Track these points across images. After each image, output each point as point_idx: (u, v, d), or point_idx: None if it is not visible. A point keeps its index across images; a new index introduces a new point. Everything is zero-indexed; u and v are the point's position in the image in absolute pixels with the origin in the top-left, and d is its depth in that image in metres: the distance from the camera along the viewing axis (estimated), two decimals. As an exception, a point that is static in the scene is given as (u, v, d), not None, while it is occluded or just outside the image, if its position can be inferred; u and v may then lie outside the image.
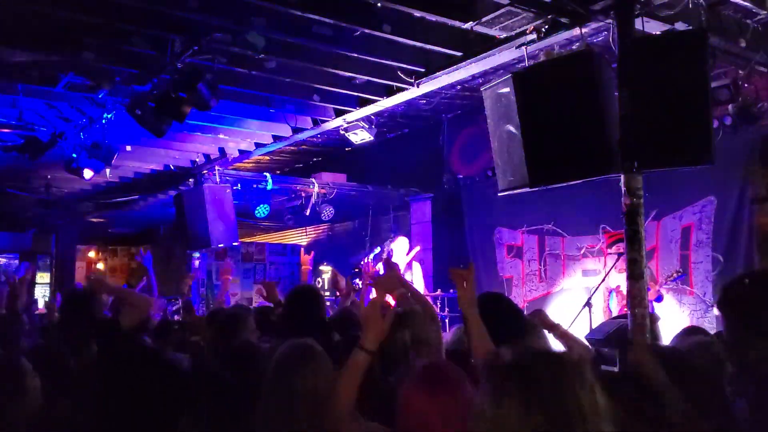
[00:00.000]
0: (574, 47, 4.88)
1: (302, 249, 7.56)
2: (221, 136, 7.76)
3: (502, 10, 4.51)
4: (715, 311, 6.84)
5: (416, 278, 7.88)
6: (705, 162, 3.84)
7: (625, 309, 5.76)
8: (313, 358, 2.34)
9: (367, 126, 6.88)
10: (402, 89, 6.06)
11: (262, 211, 9.25)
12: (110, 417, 1.74)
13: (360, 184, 9.88)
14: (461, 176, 9.52)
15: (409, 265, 7.90)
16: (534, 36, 4.74)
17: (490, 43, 5.10)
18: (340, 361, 2.34)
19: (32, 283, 6.00)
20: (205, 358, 3.76)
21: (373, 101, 6.45)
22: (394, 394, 2.03)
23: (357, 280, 6.38)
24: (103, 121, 6.33)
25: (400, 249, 7.89)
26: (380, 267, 6.31)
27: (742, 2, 4.59)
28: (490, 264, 9.28)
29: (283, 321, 3.76)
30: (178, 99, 5.17)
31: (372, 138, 7.01)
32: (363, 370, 2.20)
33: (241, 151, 8.39)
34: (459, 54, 5.38)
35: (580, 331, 6.21)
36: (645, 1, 4.15)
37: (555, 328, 3.19)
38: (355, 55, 5.45)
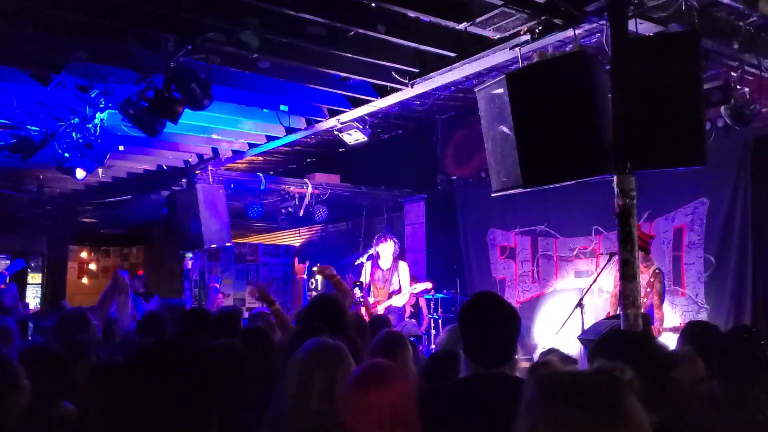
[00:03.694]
0: (567, 48, 4.89)
1: (296, 259, 7.51)
2: (214, 136, 7.74)
3: (496, 11, 4.52)
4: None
5: (403, 278, 7.93)
6: (698, 163, 3.86)
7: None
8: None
9: (360, 126, 6.88)
10: (396, 90, 6.06)
11: (255, 211, 9.24)
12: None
13: (353, 185, 9.88)
14: (455, 177, 9.53)
15: (395, 266, 7.94)
16: (528, 37, 4.75)
17: (484, 44, 5.11)
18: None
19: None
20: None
21: (367, 102, 6.44)
22: None
23: (357, 291, 6.36)
24: (96, 121, 6.29)
25: (386, 251, 7.97)
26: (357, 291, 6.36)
27: (734, 4, 4.61)
28: (483, 265, 9.29)
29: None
30: (171, 98, 5.14)
31: (366, 139, 7.00)
32: None
33: (234, 152, 8.36)
34: (453, 55, 5.38)
35: (573, 332, 6.23)
36: (638, 3, 4.16)
37: None
38: (349, 55, 5.44)
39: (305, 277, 9.68)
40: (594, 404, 1.22)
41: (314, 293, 11.38)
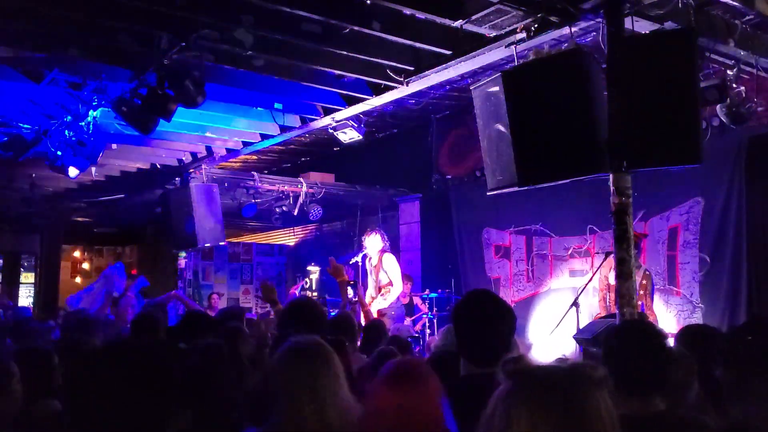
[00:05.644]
0: (563, 46, 4.87)
1: (294, 288, 7.34)
2: (208, 134, 7.70)
3: (492, 9, 4.50)
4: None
5: (391, 270, 7.81)
6: (693, 162, 3.85)
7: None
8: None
9: (355, 125, 6.85)
10: (391, 88, 6.03)
11: (249, 210, 9.20)
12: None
13: (348, 184, 9.85)
14: (450, 177, 9.52)
15: (380, 261, 7.89)
16: (523, 35, 4.74)
17: (479, 42, 5.09)
18: None
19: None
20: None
21: (362, 100, 6.41)
22: None
23: (350, 290, 6.28)
24: (89, 119, 6.25)
25: (371, 245, 7.91)
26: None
27: (731, 2, 4.61)
28: (478, 264, 9.28)
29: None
30: (164, 96, 5.11)
31: (361, 137, 6.97)
32: None
33: (228, 150, 8.33)
34: (448, 53, 5.35)
35: (568, 332, 6.22)
36: (634, 0, 4.15)
37: None
38: (344, 52, 5.41)
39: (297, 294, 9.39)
40: (564, 399, 1.26)
41: (308, 293, 11.36)
